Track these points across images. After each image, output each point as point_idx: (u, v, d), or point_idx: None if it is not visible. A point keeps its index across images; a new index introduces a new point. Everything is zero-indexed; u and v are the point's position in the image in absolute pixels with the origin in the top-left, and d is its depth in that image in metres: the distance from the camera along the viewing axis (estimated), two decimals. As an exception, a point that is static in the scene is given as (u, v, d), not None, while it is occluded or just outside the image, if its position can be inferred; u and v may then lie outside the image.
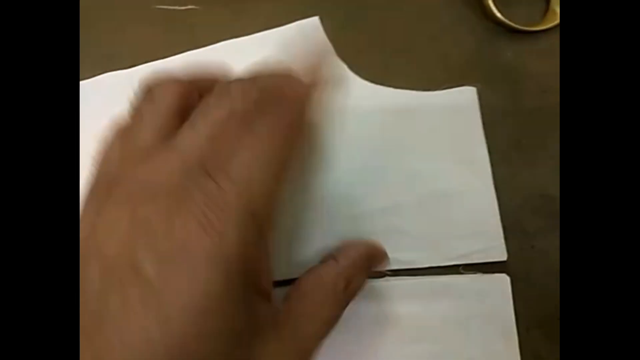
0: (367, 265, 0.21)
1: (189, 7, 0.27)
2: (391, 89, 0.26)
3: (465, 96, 0.26)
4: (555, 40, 0.27)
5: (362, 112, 0.26)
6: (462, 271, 0.24)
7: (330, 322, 0.19)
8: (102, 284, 0.14)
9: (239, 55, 0.22)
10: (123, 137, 0.17)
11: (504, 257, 0.24)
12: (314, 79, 0.19)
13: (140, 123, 0.17)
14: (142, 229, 0.14)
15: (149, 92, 0.18)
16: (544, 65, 0.26)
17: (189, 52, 0.26)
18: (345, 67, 0.26)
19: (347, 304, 0.20)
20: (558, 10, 0.27)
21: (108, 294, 0.13)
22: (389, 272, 0.24)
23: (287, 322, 0.18)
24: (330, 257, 0.20)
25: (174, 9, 0.27)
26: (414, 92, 0.26)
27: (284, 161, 0.16)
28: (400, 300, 0.23)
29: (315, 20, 0.27)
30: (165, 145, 0.16)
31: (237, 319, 0.15)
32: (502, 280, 0.23)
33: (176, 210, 0.14)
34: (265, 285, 0.17)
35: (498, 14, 0.26)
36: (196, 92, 0.18)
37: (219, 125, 0.15)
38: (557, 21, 0.26)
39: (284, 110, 0.16)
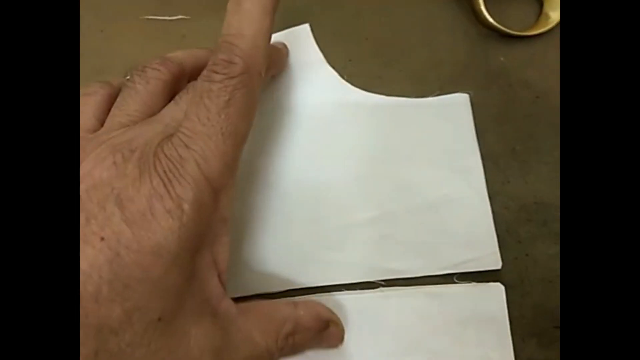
0: (321, 327, 0.21)
1: (179, 17, 0.27)
2: (384, 97, 0.26)
3: (458, 102, 0.26)
4: (548, 45, 0.26)
5: (355, 119, 0.26)
6: (456, 280, 0.24)
7: (257, 357, 0.19)
8: None
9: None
10: (116, 105, 0.20)
11: (498, 265, 0.23)
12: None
13: (131, 96, 0.20)
14: (118, 179, 0.16)
15: (145, 70, 0.20)
16: (537, 70, 0.26)
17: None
18: (336, 74, 0.26)
19: (281, 351, 0.19)
20: (551, 14, 0.27)
21: None
22: (383, 283, 0.24)
23: (223, 327, 0.18)
24: (291, 301, 0.21)
25: (164, 19, 0.27)
26: (407, 99, 0.26)
27: (240, 132, 0.18)
28: (395, 310, 0.23)
29: (305, 27, 0.27)
30: (150, 118, 0.19)
31: (181, 275, 0.16)
32: (497, 289, 0.23)
33: (147, 170, 0.16)
34: (218, 258, 0.18)
35: (491, 20, 0.26)
36: (187, 73, 0.21)
37: (196, 103, 0.18)
38: (550, 26, 0.26)
39: (240, 84, 0.18)
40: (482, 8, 0.26)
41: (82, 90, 0.21)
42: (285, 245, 0.24)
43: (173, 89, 0.20)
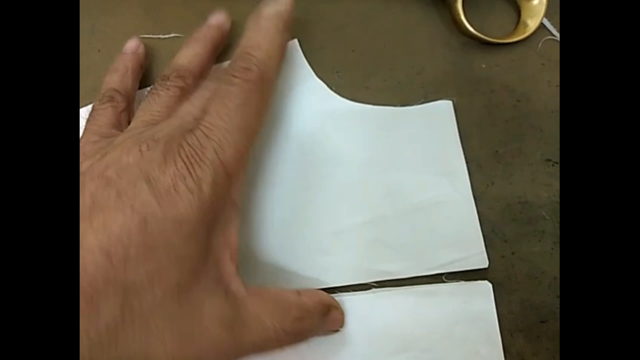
0: (324, 312, 0.22)
1: (173, 35, 0.28)
2: (370, 106, 0.27)
3: (442, 109, 0.27)
4: (527, 51, 0.27)
5: (344, 129, 0.27)
6: (445, 280, 0.24)
7: (266, 339, 0.20)
8: (98, 193, 0.18)
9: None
10: (141, 107, 0.23)
11: (485, 264, 0.24)
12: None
13: (155, 100, 0.23)
14: (144, 163, 0.18)
15: (165, 78, 0.23)
16: (516, 75, 0.27)
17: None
18: (325, 86, 0.27)
19: (289, 336, 0.20)
20: (529, 22, 0.28)
21: (104, 197, 0.17)
22: (374, 284, 0.24)
23: (235, 305, 0.19)
24: (294, 290, 0.22)
25: (158, 38, 0.28)
26: (392, 108, 0.27)
27: (252, 128, 0.21)
28: (386, 310, 0.24)
29: (294, 42, 0.28)
30: (171, 116, 0.22)
31: (197, 247, 0.18)
32: (485, 287, 0.24)
33: (171, 154, 0.19)
34: (230, 239, 0.20)
35: (471, 28, 0.27)
36: (198, 78, 0.24)
37: (217, 102, 0.20)
38: (528, 33, 0.27)
39: (255, 87, 0.21)
40: (463, 18, 0.27)
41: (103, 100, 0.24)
42: (279, 249, 0.25)
43: (188, 95, 0.23)
